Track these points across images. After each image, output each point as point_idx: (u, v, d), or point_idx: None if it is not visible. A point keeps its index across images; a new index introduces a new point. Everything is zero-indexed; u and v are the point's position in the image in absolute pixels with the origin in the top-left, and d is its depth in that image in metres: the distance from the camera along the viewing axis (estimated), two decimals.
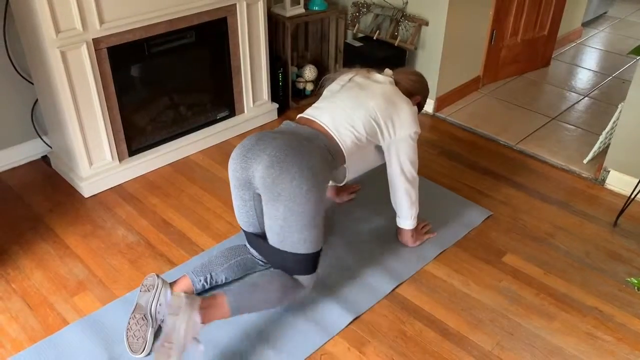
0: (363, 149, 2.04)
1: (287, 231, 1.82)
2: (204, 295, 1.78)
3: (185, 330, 1.64)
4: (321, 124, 1.98)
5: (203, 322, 1.69)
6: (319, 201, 1.82)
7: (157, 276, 1.91)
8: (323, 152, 1.89)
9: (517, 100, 3.58)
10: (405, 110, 2.08)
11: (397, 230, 2.32)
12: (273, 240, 1.88)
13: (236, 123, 3.11)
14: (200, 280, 1.98)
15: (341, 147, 1.97)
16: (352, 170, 2.08)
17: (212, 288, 2.04)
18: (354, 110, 2.00)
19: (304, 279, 1.94)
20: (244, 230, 2.05)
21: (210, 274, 2.01)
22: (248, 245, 2.09)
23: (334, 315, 2.00)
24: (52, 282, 2.14)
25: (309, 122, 2.01)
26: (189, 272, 2.00)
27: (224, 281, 2.04)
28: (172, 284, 1.95)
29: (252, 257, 2.08)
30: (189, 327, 1.64)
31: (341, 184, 2.37)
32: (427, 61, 3.30)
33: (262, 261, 2.09)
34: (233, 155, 1.90)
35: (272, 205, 1.81)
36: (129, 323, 1.85)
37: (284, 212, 1.79)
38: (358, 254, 2.27)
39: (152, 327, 1.82)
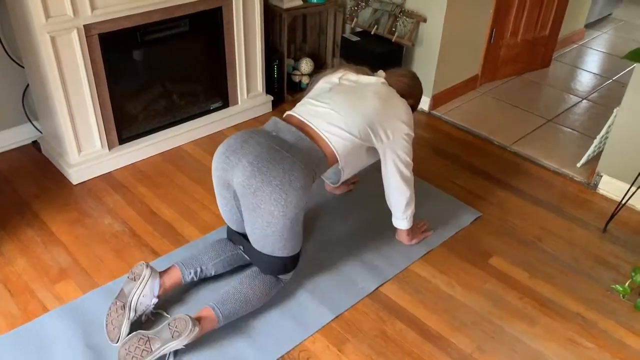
0: (357, 151, 2.02)
1: (266, 239, 1.84)
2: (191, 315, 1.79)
3: (171, 350, 1.75)
4: (314, 127, 1.94)
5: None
6: (299, 211, 1.82)
7: (147, 266, 1.89)
8: (307, 160, 1.85)
9: (514, 101, 3.55)
10: (401, 112, 2.06)
11: (394, 228, 2.30)
12: (254, 243, 1.89)
13: (229, 114, 3.09)
14: (190, 273, 1.97)
15: (334, 150, 1.93)
16: (347, 170, 2.06)
17: (200, 281, 2.05)
18: (348, 115, 1.96)
19: (283, 275, 1.96)
20: (227, 226, 2.05)
21: (201, 267, 1.99)
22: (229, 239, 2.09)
23: (314, 312, 1.99)
24: (34, 269, 2.13)
25: (300, 125, 1.96)
26: (179, 263, 1.98)
27: (212, 274, 2.04)
28: (161, 274, 1.93)
29: (242, 253, 2.07)
30: (177, 347, 1.74)
31: (337, 184, 2.35)
32: (424, 58, 3.27)
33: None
34: (217, 152, 1.90)
35: (250, 214, 1.82)
36: (109, 309, 1.84)
37: (262, 222, 1.80)
38: (342, 251, 2.26)
39: (128, 318, 1.81)
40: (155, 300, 1.88)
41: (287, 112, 2.06)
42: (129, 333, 1.78)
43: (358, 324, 1.97)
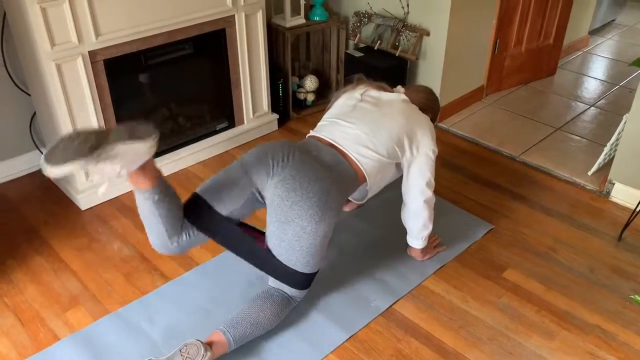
0: (385, 169, 2.03)
1: (292, 253, 1.83)
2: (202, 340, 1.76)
3: None
4: (345, 150, 1.96)
5: None
6: (329, 230, 1.85)
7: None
8: (343, 182, 1.90)
9: (521, 110, 3.53)
10: (426, 129, 2.09)
11: (407, 245, 2.27)
12: (278, 255, 1.86)
13: (236, 134, 3.09)
14: None
15: (364, 172, 1.96)
16: (374, 188, 2.07)
17: (209, 303, 2.03)
18: (376, 135, 1.98)
19: (296, 292, 1.93)
20: (203, 202, 1.82)
21: None
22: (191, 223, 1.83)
23: (327, 332, 1.96)
24: (45, 297, 2.12)
25: (332, 147, 1.98)
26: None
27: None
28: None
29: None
30: None
31: (362, 201, 2.33)
32: (428, 71, 3.27)
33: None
34: (260, 149, 1.88)
35: (281, 226, 1.80)
36: None
37: (292, 236, 1.80)
38: (354, 269, 2.23)
39: None
40: (124, 174, 1.59)
41: (316, 133, 2.06)
42: None
43: (373, 343, 1.94)
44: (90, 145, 1.44)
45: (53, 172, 1.43)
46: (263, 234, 1.91)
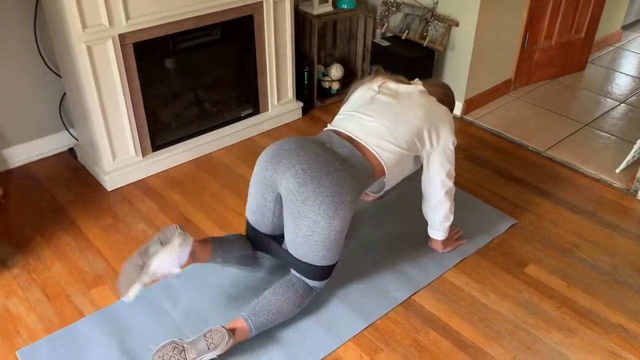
0: (404, 162, 2.02)
1: (308, 248, 1.83)
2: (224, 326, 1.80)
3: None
4: (364, 143, 1.94)
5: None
6: (344, 224, 1.83)
7: (179, 233, 1.77)
8: (358, 175, 1.87)
9: (549, 105, 3.48)
10: (445, 120, 2.07)
11: (428, 236, 2.27)
12: (294, 251, 1.87)
13: (260, 121, 3.11)
14: (218, 257, 1.93)
15: (383, 165, 1.94)
16: (392, 181, 2.06)
17: (231, 287, 2.06)
18: (395, 128, 1.96)
19: (317, 283, 1.94)
20: (252, 227, 2.01)
21: (225, 255, 1.95)
22: (248, 239, 2.04)
23: (346, 321, 1.97)
24: (71, 274, 2.17)
25: (350, 140, 1.96)
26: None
27: (223, 267, 2.02)
28: (195, 244, 1.83)
29: (255, 256, 2.04)
30: (211, 357, 1.75)
31: (379, 193, 2.33)
32: (456, 62, 3.23)
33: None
34: (268, 153, 1.88)
35: (294, 221, 1.81)
36: (129, 261, 1.73)
37: (305, 231, 1.80)
38: (374, 260, 2.24)
39: (142, 282, 1.71)
40: (178, 271, 1.76)
41: (334, 126, 2.04)
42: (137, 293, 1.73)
43: (391, 333, 1.94)
44: (138, 266, 1.71)
45: (128, 299, 1.72)
46: None
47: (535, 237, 2.39)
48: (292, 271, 1.96)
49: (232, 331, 1.77)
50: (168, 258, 1.73)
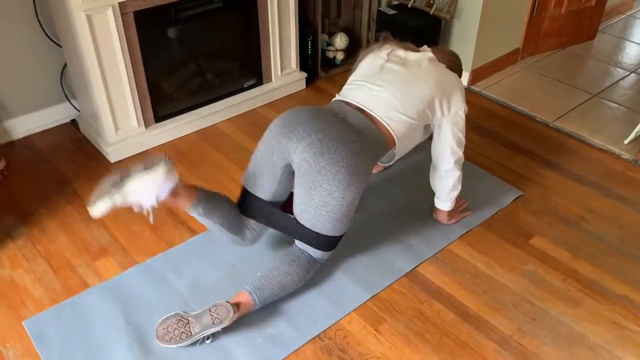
0: (414, 132, 1.99)
1: (319, 218, 1.81)
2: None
3: (209, 334, 1.76)
4: (374, 114, 1.91)
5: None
6: (357, 195, 1.82)
7: (167, 162, 1.68)
8: (372, 146, 1.85)
9: (557, 75, 3.42)
10: (456, 88, 2.03)
11: (433, 207, 2.26)
12: (304, 221, 1.85)
13: (264, 92, 3.07)
14: (200, 209, 1.85)
15: (393, 135, 1.92)
16: (401, 151, 2.04)
17: (235, 258, 2.05)
18: (406, 98, 1.92)
19: (321, 254, 1.93)
20: (249, 194, 1.93)
21: (211, 212, 1.87)
22: (241, 208, 1.96)
23: (350, 292, 1.97)
24: (75, 246, 2.17)
25: (360, 110, 1.92)
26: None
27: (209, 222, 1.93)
28: (182, 184, 1.76)
29: (250, 228, 1.97)
30: (215, 331, 1.76)
31: (389, 164, 2.31)
32: (463, 31, 3.17)
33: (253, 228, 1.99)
34: (281, 119, 1.84)
35: (307, 191, 1.78)
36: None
37: (318, 201, 1.78)
38: (378, 231, 2.23)
39: (114, 201, 1.65)
40: (153, 203, 1.67)
41: (343, 97, 2.00)
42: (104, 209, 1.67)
43: (395, 304, 1.94)
44: (114, 182, 1.64)
45: (92, 212, 1.66)
46: None
47: (541, 209, 2.37)
48: (296, 243, 1.95)
49: (236, 305, 1.78)
50: (148, 185, 1.63)
